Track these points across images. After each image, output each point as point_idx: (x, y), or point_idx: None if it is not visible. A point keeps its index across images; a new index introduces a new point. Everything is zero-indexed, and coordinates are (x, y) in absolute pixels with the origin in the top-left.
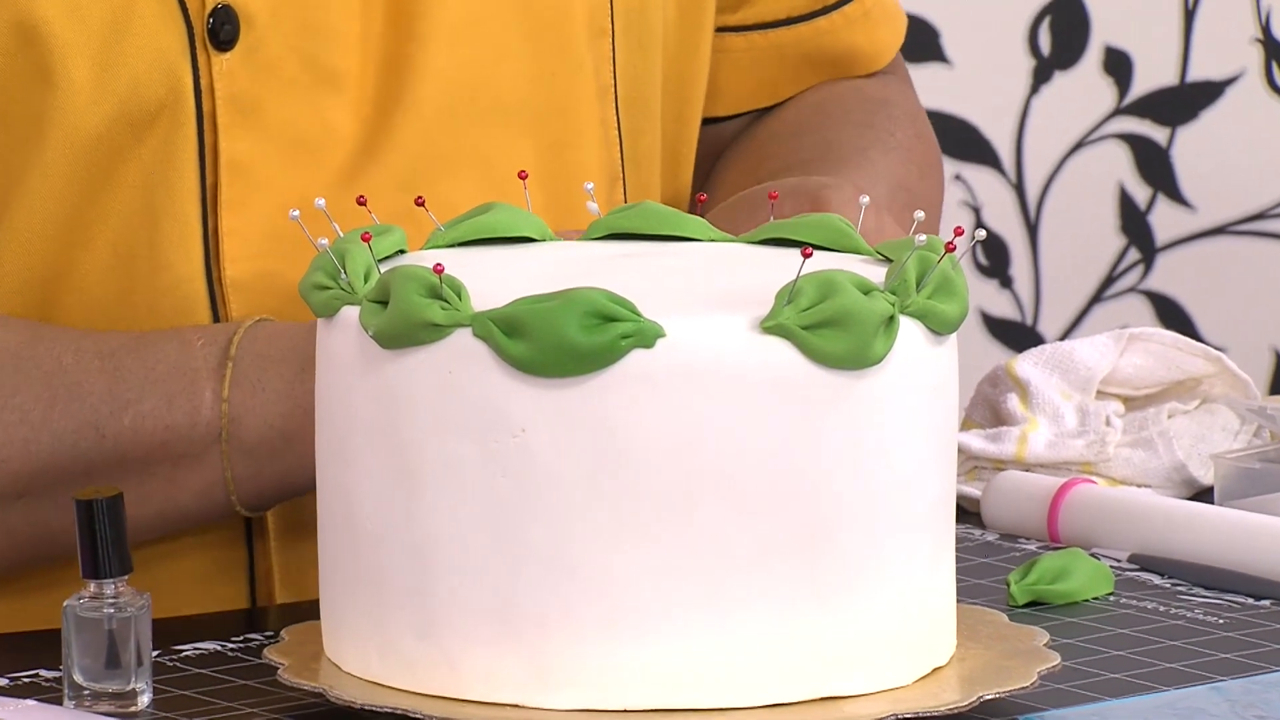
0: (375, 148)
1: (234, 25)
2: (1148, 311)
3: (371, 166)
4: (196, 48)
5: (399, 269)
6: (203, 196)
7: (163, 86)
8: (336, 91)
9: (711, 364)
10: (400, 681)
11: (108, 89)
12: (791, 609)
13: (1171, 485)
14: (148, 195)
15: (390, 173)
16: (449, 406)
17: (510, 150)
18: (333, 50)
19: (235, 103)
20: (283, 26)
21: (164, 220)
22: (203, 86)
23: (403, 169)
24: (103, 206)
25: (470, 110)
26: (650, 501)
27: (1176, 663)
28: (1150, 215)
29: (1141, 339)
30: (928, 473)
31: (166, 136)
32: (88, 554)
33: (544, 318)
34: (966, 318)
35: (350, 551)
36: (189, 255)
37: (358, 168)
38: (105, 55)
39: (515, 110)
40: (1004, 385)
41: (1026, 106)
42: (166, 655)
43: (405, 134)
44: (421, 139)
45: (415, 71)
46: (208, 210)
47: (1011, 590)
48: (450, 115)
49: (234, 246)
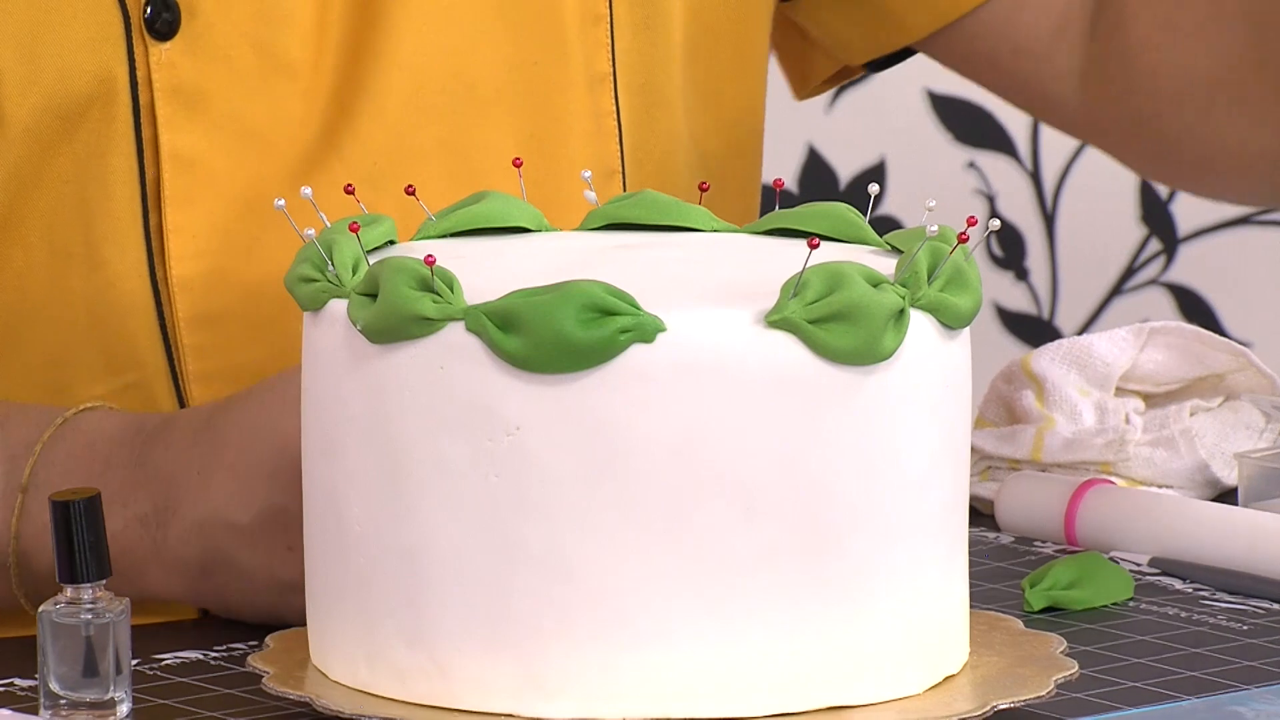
0: (334, 140)
1: (173, 14)
2: (1169, 304)
3: (330, 159)
4: (133, 37)
5: (388, 260)
6: (143, 192)
7: (92, 78)
8: (291, 80)
9: (714, 360)
10: (389, 690)
11: (33, 80)
12: (797, 615)
13: (1194, 486)
14: (81, 190)
15: (350, 166)
16: (440, 404)
17: (485, 143)
18: (288, 38)
19: (177, 94)
20: (232, 14)
21: (99, 216)
22: (139, 78)
23: (364, 162)
24: (34, 202)
25: (440, 101)
26: (650, 503)
27: (1199, 671)
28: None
29: (1163, 333)
30: (939, 473)
31: (99, 129)
32: (64, 558)
33: (539, 311)
34: (980, 311)
35: (337, 555)
36: (126, 252)
37: (315, 161)
38: (31, 45)
39: (491, 100)
40: (1019, 382)
41: None
42: (146, 663)
43: (367, 126)
44: (385, 131)
45: (378, 60)
46: (148, 206)
47: (1027, 595)
48: (416, 106)
49: (180, 244)
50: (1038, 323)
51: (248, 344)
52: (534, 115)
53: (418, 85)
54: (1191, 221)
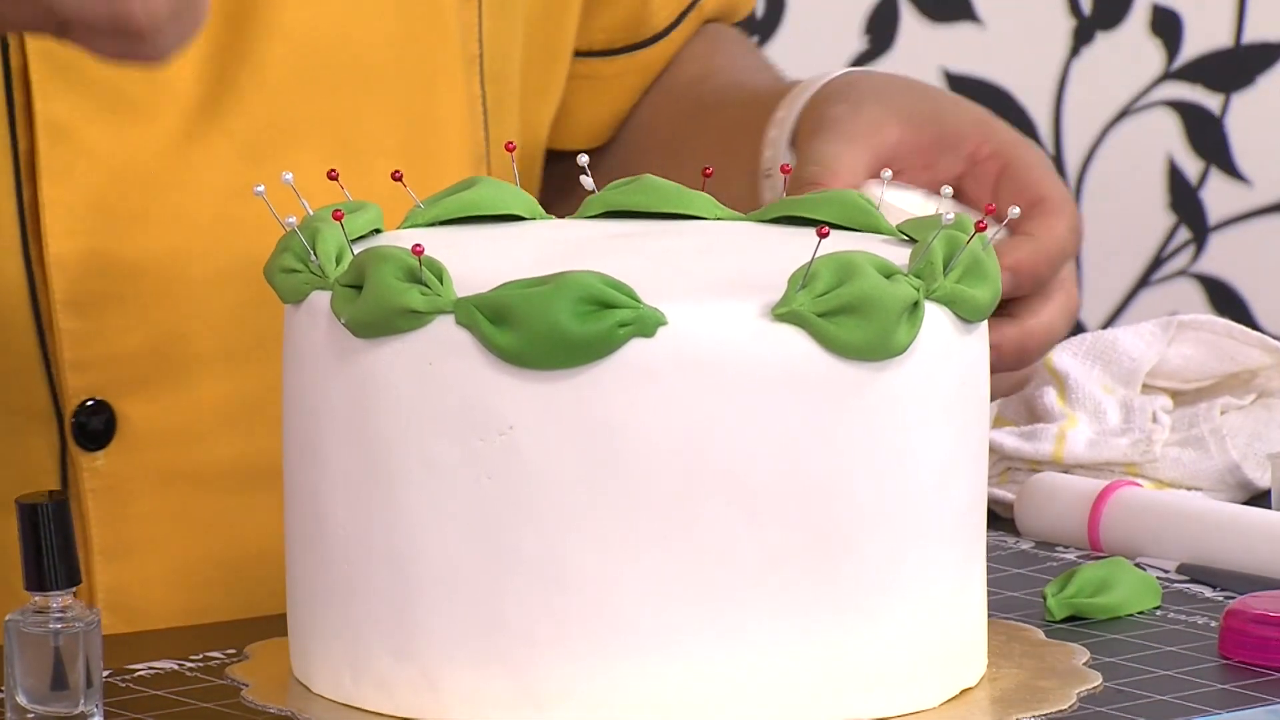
0: (216, 110)
1: None
2: (1199, 297)
3: (211, 132)
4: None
5: (374, 250)
6: (15, 162)
7: None
8: None
9: (718, 355)
10: (376, 704)
11: None
12: (805, 624)
13: (1224, 488)
14: None
15: (231, 139)
16: (429, 402)
17: (367, 121)
18: None
19: (51, 58)
20: None
21: None
22: (10, 39)
23: (245, 135)
24: None
25: (323, 73)
26: (650, 506)
27: (1229, 684)
28: (1202, 191)
29: (1192, 327)
30: (956, 475)
31: None
32: (31, 564)
33: (534, 304)
34: (998, 304)
35: (320, 561)
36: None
37: (196, 132)
38: None
39: (374, 76)
40: (1040, 378)
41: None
42: (119, 675)
43: (250, 96)
44: (268, 103)
45: (262, 28)
46: (21, 179)
47: (1048, 604)
48: (300, 78)
49: (56, 220)
50: None
51: (127, 330)
52: (414, 95)
53: (300, 57)
54: (1223, 209)
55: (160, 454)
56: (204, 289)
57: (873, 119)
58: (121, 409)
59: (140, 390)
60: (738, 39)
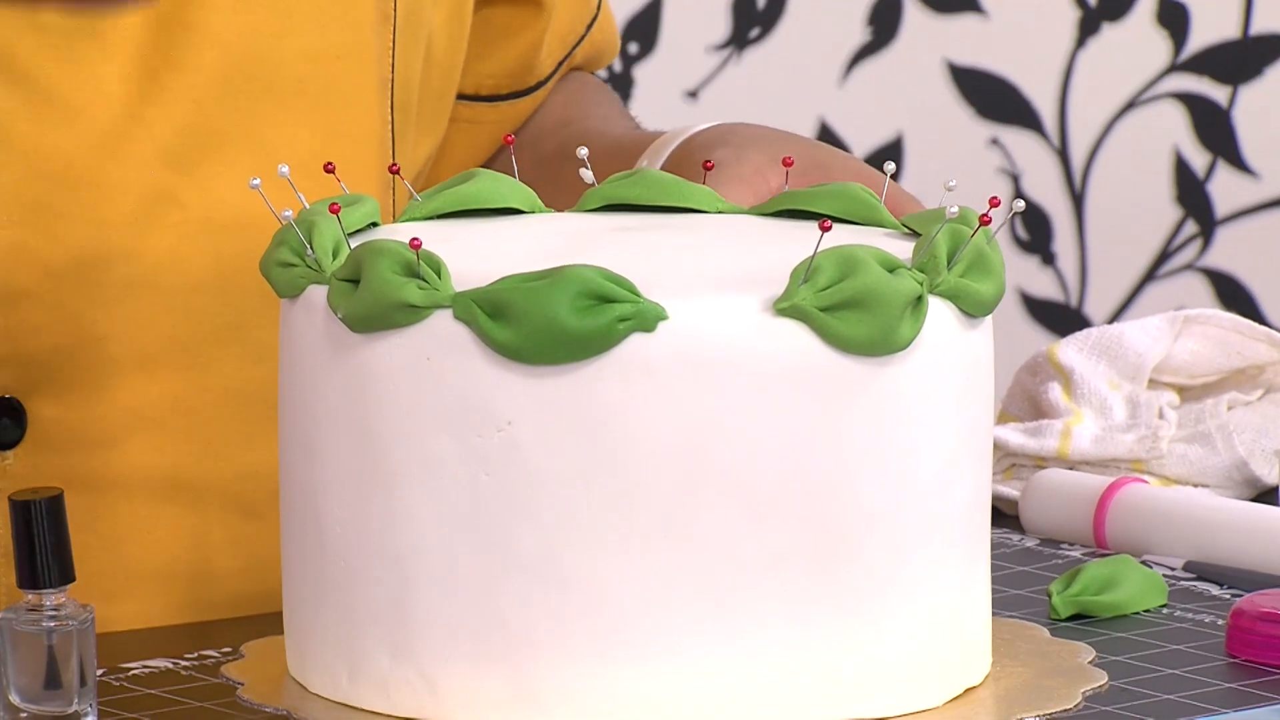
0: (142, 112)
1: None
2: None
3: (137, 132)
4: None
5: (371, 244)
6: None
7: None
8: (102, 46)
9: (719, 350)
10: (372, 703)
11: None
12: (808, 624)
13: (1231, 485)
14: None
15: (155, 142)
16: (426, 397)
17: (286, 134)
18: None
19: None
20: None
21: None
22: None
23: (169, 139)
24: None
25: (248, 83)
26: (650, 505)
27: (1236, 683)
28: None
29: (1199, 322)
30: (959, 472)
31: None
32: (25, 561)
33: (532, 298)
34: (1003, 298)
35: (316, 559)
36: None
37: (122, 132)
38: None
39: (296, 89)
40: (1045, 373)
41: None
42: (113, 674)
43: (176, 101)
44: (193, 108)
45: (193, 33)
46: None
47: (1053, 602)
48: (225, 86)
49: None
50: (1065, 310)
51: (42, 329)
52: (332, 111)
53: (227, 64)
54: (1230, 202)
55: (70, 458)
56: (121, 291)
57: (756, 164)
58: (33, 409)
59: (52, 391)
60: (599, 87)
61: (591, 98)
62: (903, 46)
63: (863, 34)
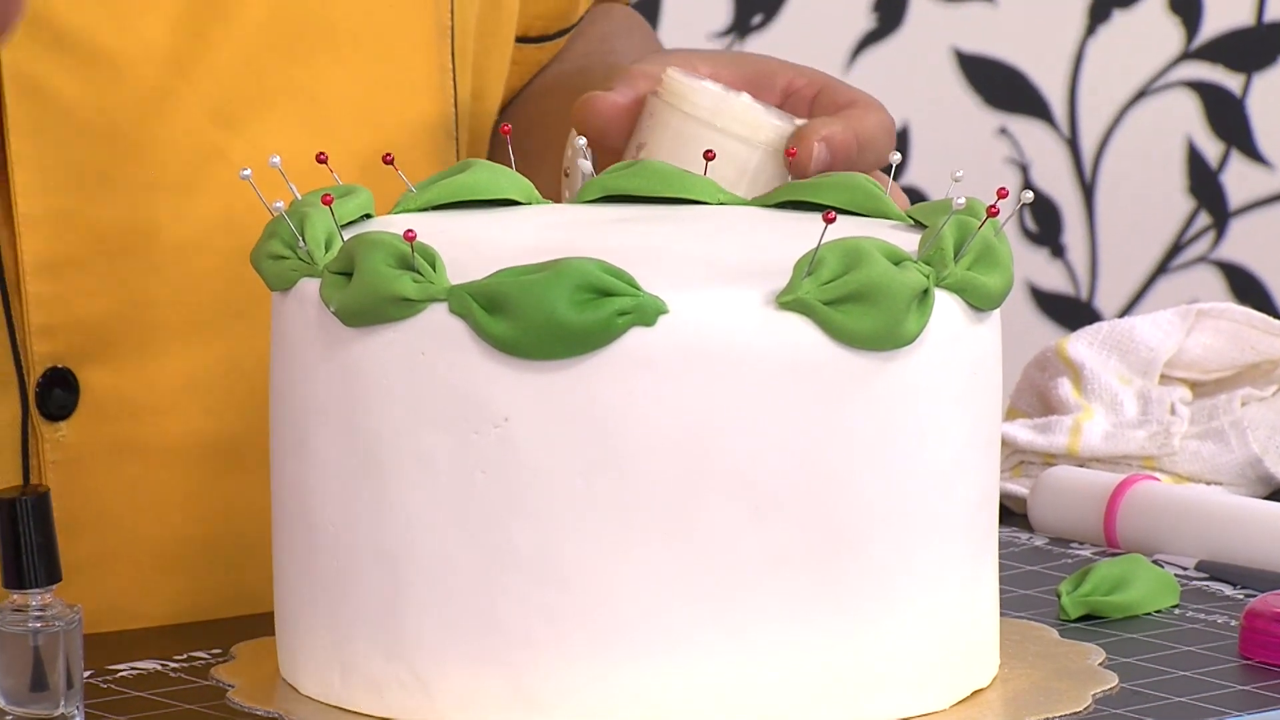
0: (189, 68)
1: None
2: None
3: (183, 89)
4: None
5: (365, 236)
6: None
7: None
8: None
9: (720, 345)
10: (366, 705)
11: None
12: (810, 624)
13: (1245, 482)
14: None
15: (202, 98)
16: (421, 393)
17: (339, 87)
18: None
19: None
20: None
21: None
22: None
23: (216, 96)
24: None
25: (297, 36)
26: (650, 502)
27: (1250, 685)
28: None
29: (1212, 316)
30: (967, 469)
31: None
32: (10, 561)
33: (529, 292)
34: (1012, 291)
35: (308, 557)
36: None
37: (168, 90)
38: None
39: (347, 40)
40: (1054, 368)
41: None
42: (100, 676)
43: (223, 54)
44: (241, 63)
45: None
46: None
47: (1063, 602)
48: (273, 39)
49: (27, 177)
50: (1075, 304)
51: (92, 295)
52: (385, 62)
53: (275, 17)
54: (1244, 193)
55: (122, 426)
56: (172, 255)
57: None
58: (85, 378)
59: (104, 359)
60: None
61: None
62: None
63: (868, 21)
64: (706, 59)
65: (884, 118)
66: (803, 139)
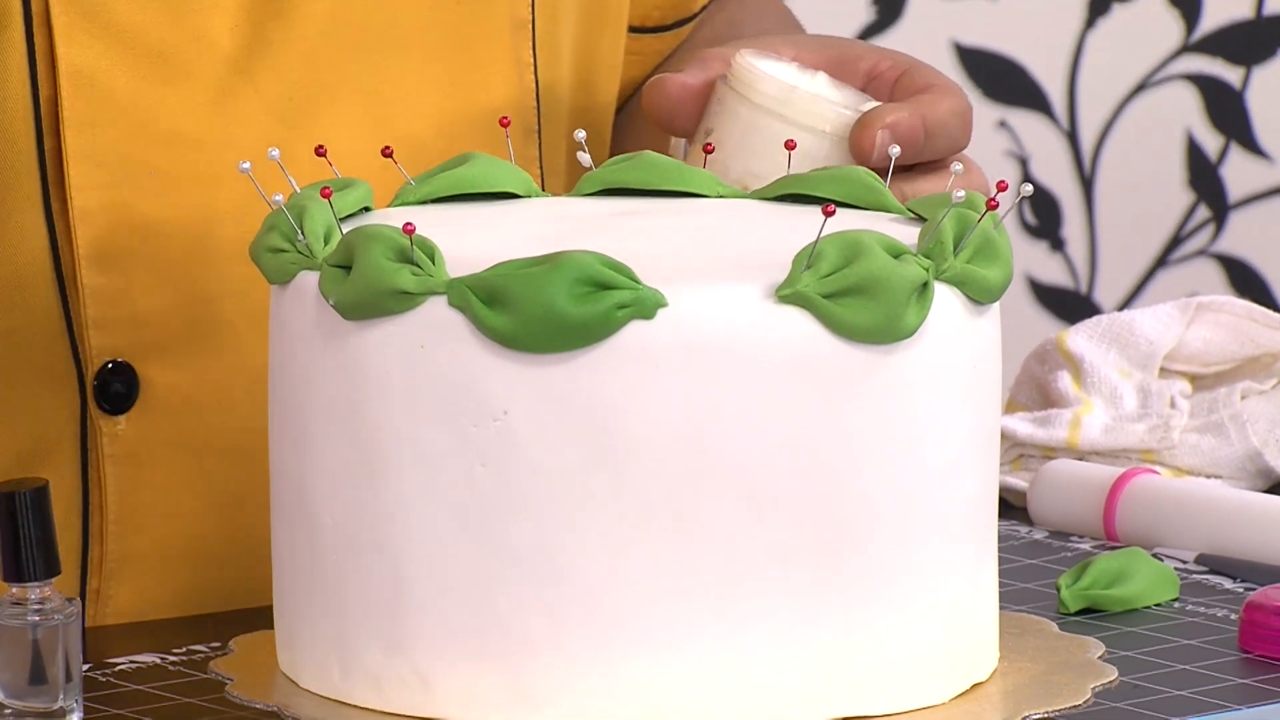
0: (250, 65)
1: None
2: (1219, 277)
3: (244, 87)
4: None
5: (364, 229)
6: (36, 111)
7: None
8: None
9: (720, 338)
10: (365, 700)
11: None
12: (811, 618)
13: (1245, 475)
14: None
15: (264, 96)
16: (420, 386)
17: (403, 83)
18: None
19: (76, 3)
20: None
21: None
22: None
23: (278, 93)
24: None
25: (360, 32)
26: (650, 496)
27: (1249, 678)
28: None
29: (1211, 309)
30: (967, 462)
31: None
32: (9, 554)
33: (529, 285)
34: (1011, 285)
35: (308, 552)
36: (19, 179)
37: (229, 87)
38: None
39: (413, 36)
40: (1054, 362)
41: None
42: (99, 669)
43: (285, 52)
44: (302, 60)
45: None
46: (43, 128)
47: (1062, 596)
48: (335, 38)
49: (82, 171)
50: (1074, 297)
51: (152, 290)
52: (455, 59)
53: (337, 13)
54: (1243, 186)
55: (182, 422)
56: (232, 251)
57: (768, 43)
58: (145, 372)
59: (164, 354)
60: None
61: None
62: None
63: (867, 13)
64: (790, 42)
65: (957, 103)
66: (867, 126)
